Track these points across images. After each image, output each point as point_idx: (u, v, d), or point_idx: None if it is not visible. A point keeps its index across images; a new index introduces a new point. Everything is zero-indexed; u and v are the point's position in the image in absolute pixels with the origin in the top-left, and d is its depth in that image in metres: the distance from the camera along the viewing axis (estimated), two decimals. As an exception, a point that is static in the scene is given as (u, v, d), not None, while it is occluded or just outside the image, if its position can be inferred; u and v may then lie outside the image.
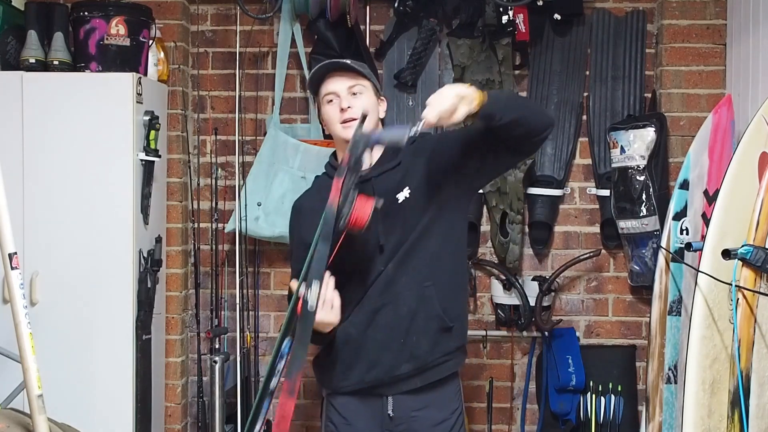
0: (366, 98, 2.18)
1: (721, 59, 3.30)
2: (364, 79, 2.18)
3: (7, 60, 3.15)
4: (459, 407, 2.29)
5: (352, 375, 2.21)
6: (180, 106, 3.47)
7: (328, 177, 2.24)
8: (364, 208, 1.89)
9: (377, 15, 3.55)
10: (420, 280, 2.16)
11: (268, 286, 3.57)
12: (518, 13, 3.31)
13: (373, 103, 2.19)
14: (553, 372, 3.38)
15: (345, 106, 2.14)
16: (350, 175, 1.89)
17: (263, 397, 2.04)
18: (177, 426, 3.47)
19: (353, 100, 2.15)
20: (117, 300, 3.08)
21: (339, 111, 2.16)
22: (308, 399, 3.60)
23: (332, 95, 2.17)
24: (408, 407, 2.20)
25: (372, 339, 2.17)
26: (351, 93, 2.16)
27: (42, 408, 2.05)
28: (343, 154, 2.09)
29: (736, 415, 2.18)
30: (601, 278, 3.52)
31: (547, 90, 3.47)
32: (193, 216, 3.46)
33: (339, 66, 2.19)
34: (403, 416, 2.20)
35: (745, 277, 2.17)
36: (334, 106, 2.17)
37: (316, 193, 2.28)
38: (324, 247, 1.89)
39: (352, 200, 1.89)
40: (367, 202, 1.90)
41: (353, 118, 2.12)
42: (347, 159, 1.91)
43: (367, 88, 2.19)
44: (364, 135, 1.93)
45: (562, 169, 3.45)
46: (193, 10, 3.56)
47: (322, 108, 2.22)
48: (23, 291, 2.07)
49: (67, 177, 3.06)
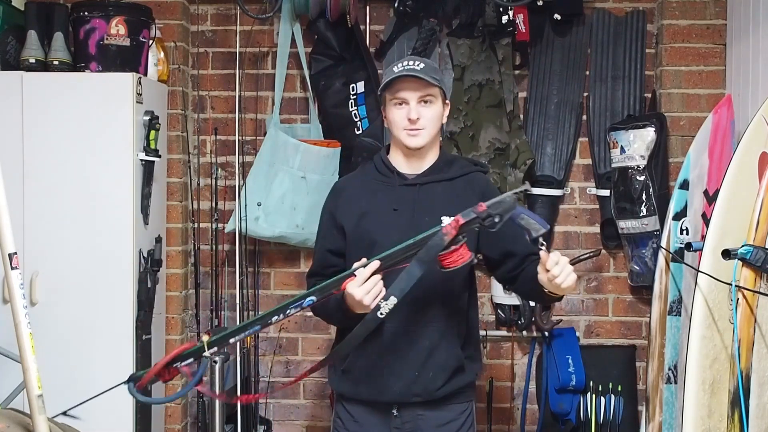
0: (435, 108, 2.18)
1: (721, 59, 3.30)
2: (435, 87, 2.17)
3: (7, 60, 3.15)
4: (468, 408, 2.28)
5: (361, 392, 2.23)
6: (180, 106, 3.48)
7: (377, 170, 2.26)
8: (463, 257, 1.91)
9: (377, 15, 3.55)
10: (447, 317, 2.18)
11: (268, 286, 3.57)
12: (518, 13, 3.32)
13: (439, 113, 2.20)
14: (553, 372, 3.38)
15: (414, 117, 2.14)
16: (475, 223, 1.89)
17: (257, 322, 2.02)
18: (177, 426, 3.47)
19: (422, 110, 2.15)
20: (117, 300, 3.08)
21: (406, 119, 2.16)
22: (308, 399, 3.61)
23: (402, 100, 2.16)
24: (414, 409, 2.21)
25: (387, 364, 2.18)
26: (421, 101, 2.16)
27: (42, 408, 2.05)
28: (400, 153, 2.20)
29: (736, 415, 2.18)
30: (601, 278, 3.52)
31: (547, 90, 3.47)
32: (193, 216, 3.46)
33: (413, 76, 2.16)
34: (410, 415, 2.21)
35: (745, 277, 2.17)
36: (402, 112, 2.16)
37: (360, 182, 2.29)
38: (417, 270, 1.90)
39: (458, 243, 1.90)
40: (467, 253, 1.92)
41: (420, 129, 2.15)
42: (482, 209, 1.89)
43: (437, 96, 2.18)
44: (513, 205, 1.91)
45: (562, 169, 3.45)
46: (193, 10, 3.56)
47: (389, 107, 2.19)
48: (23, 291, 2.07)
49: (67, 177, 3.06)
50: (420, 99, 2.15)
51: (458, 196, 2.17)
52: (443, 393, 2.20)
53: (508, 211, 1.90)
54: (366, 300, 1.93)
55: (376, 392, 2.20)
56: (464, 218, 1.89)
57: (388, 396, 2.19)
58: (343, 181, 2.39)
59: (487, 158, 3.33)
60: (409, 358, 2.16)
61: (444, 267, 1.91)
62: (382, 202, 2.19)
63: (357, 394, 2.24)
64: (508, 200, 1.91)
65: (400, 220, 2.16)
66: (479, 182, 2.26)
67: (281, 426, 3.62)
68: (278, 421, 3.61)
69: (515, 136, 3.37)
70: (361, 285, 1.93)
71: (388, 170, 2.23)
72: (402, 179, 2.21)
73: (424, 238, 1.90)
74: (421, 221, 2.10)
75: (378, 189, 2.23)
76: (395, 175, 2.22)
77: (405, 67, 2.15)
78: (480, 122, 3.36)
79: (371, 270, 1.93)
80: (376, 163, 2.29)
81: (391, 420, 2.21)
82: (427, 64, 2.17)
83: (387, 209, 2.18)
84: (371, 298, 1.93)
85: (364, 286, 1.93)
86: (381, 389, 2.19)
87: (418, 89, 2.14)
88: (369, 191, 2.23)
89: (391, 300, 1.89)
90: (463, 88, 3.40)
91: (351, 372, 2.23)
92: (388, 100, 2.19)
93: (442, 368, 2.18)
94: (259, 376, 3.50)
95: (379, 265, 1.94)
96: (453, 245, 1.89)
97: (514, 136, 3.37)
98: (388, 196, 2.20)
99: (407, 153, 2.21)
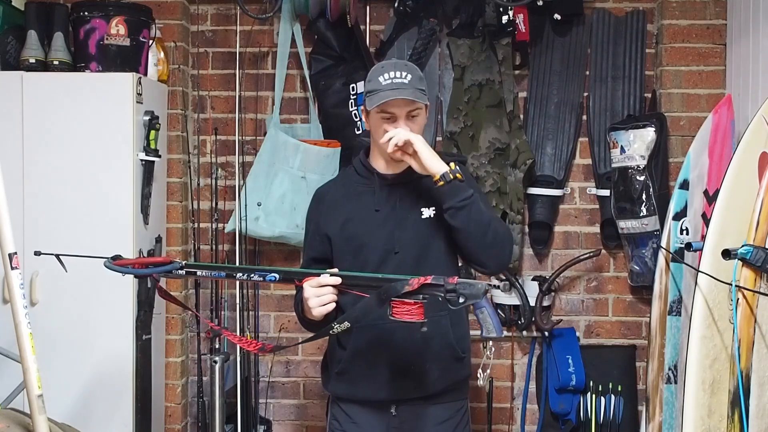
0: (421, 119, 2.18)
1: (721, 59, 3.30)
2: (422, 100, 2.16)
3: (7, 60, 3.15)
4: (464, 406, 2.31)
5: (359, 391, 2.24)
6: (180, 106, 3.47)
7: (357, 172, 2.28)
8: (412, 314, 1.92)
9: (377, 15, 3.55)
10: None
11: (268, 286, 3.57)
12: (518, 13, 3.32)
13: (424, 122, 2.20)
14: (553, 372, 3.38)
15: None
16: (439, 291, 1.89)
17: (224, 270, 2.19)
18: (177, 426, 3.47)
19: (410, 125, 2.15)
20: (117, 300, 3.08)
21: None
22: (308, 399, 3.61)
23: (390, 115, 2.15)
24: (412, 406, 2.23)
25: (384, 360, 2.19)
26: (409, 116, 2.15)
27: (42, 408, 2.05)
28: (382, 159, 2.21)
29: (736, 415, 2.17)
30: (601, 278, 3.52)
31: (547, 90, 3.47)
32: (193, 216, 3.46)
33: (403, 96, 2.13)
34: (408, 413, 2.23)
35: (745, 277, 2.17)
36: (388, 125, 2.15)
37: (341, 186, 2.31)
38: (372, 305, 1.93)
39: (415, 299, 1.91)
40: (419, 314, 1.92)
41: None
42: (454, 281, 1.89)
43: (422, 109, 2.17)
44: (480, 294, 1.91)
45: (562, 169, 3.45)
46: (193, 10, 3.56)
47: (374, 116, 2.17)
48: (23, 291, 2.07)
49: (67, 177, 3.06)
50: (408, 114, 2.14)
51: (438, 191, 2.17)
52: (441, 385, 2.21)
53: (474, 297, 1.90)
54: (311, 302, 1.98)
55: (373, 391, 2.21)
56: (432, 280, 1.90)
57: (386, 393, 2.20)
58: (325, 187, 2.38)
59: (487, 158, 3.33)
60: (405, 353, 2.18)
61: (392, 315, 1.93)
62: (365, 205, 2.21)
63: (354, 394, 2.25)
64: (478, 287, 1.91)
65: (383, 220, 2.18)
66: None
67: (281, 426, 3.62)
68: (278, 421, 3.61)
69: (515, 136, 3.37)
70: (315, 287, 1.98)
71: (368, 172, 2.25)
72: (382, 180, 2.23)
73: (391, 279, 1.93)
74: (403, 219, 2.16)
75: (359, 192, 2.25)
76: (375, 176, 2.23)
77: (393, 79, 2.12)
78: (480, 122, 3.36)
79: (331, 281, 1.98)
80: (356, 166, 2.31)
81: (390, 419, 2.22)
82: (413, 74, 2.15)
83: (369, 211, 2.20)
84: (317, 303, 1.98)
85: (317, 289, 1.98)
86: (379, 387, 2.20)
87: (407, 105, 2.13)
88: (351, 195, 2.25)
89: (344, 324, 1.96)
90: (463, 88, 3.41)
91: (347, 373, 2.24)
92: (374, 111, 2.17)
93: (437, 359, 2.20)
94: (259, 376, 3.50)
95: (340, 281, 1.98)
96: (410, 298, 1.90)
97: (514, 136, 3.37)
98: (370, 197, 2.22)
99: (388, 158, 2.21)
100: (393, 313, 1.92)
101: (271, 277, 2.03)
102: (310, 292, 1.98)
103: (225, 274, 2.20)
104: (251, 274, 2.06)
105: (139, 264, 2.11)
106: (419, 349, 2.18)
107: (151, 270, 2.08)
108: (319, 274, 2.00)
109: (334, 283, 1.97)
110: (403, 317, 1.91)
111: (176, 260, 2.10)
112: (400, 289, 1.89)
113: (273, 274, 2.03)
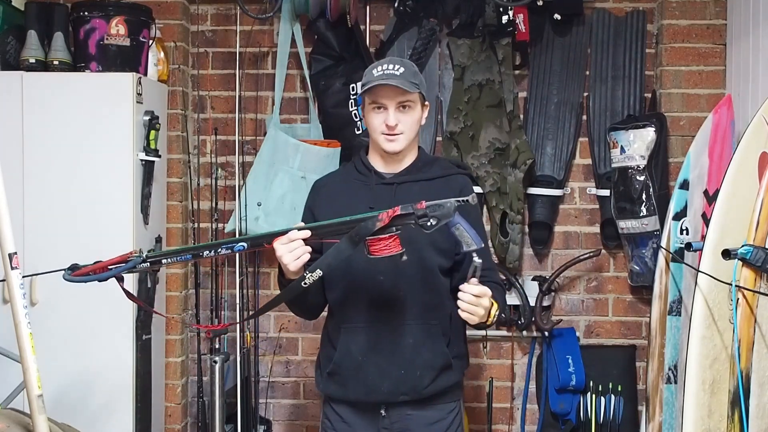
0: (413, 113, 2.18)
1: (721, 59, 3.30)
2: (414, 93, 2.17)
3: (7, 60, 3.15)
4: (456, 407, 2.30)
5: (349, 393, 2.24)
6: (180, 106, 3.47)
7: (356, 169, 2.29)
8: (390, 248, 1.93)
9: (377, 15, 3.55)
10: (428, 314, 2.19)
11: (268, 286, 3.57)
12: (518, 13, 3.32)
13: (418, 117, 2.21)
14: (553, 372, 3.38)
15: (392, 123, 2.16)
16: (410, 219, 1.91)
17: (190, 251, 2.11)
18: (177, 426, 3.47)
19: (401, 116, 2.16)
20: (117, 300, 3.05)
21: (384, 124, 2.17)
22: (308, 399, 3.61)
23: (381, 105, 2.16)
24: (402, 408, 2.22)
25: (373, 363, 2.19)
26: (400, 107, 2.16)
27: (42, 408, 2.05)
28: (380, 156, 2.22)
29: (736, 415, 2.17)
30: (601, 278, 3.52)
31: (547, 90, 3.47)
32: (193, 216, 3.46)
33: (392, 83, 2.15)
34: (398, 415, 2.22)
35: (745, 277, 2.17)
36: (380, 117, 2.17)
37: (339, 180, 2.33)
38: (345, 247, 1.94)
39: (389, 233, 1.92)
40: (396, 246, 1.93)
41: (397, 134, 2.17)
42: (422, 206, 1.91)
43: (416, 101, 2.18)
44: (450, 212, 1.92)
45: (562, 169, 3.45)
46: (193, 10, 3.56)
47: (367, 111, 2.20)
48: (23, 291, 2.07)
49: (67, 177, 3.06)
50: (399, 105, 2.15)
51: (435, 196, 2.16)
52: (431, 392, 2.21)
53: (445, 216, 1.91)
54: (285, 258, 1.98)
55: (363, 393, 2.21)
56: (401, 210, 1.91)
57: (376, 396, 2.20)
58: (324, 179, 2.40)
59: (487, 158, 3.33)
60: (395, 357, 2.18)
61: (371, 253, 1.94)
62: (359, 201, 2.21)
63: (344, 395, 2.25)
64: (447, 206, 1.91)
65: None
66: (457, 183, 2.26)
67: (281, 426, 3.62)
68: (278, 421, 3.61)
69: (515, 136, 3.37)
70: (286, 244, 1.98)
71: (366, 169, 2.26)
72: (379, 178, 2.24)
73: (359, 219, 1.94)
74: None
75: (356, 188, 2.26)
76: (373, 174, 2.25)
77: (385, 71, 2.14)
78: (480, 122, 3.36)
79: (301, 234, 1.98)
80: (355, 163, 2.32)
81: (380, 420, 2.22)
82: (406, 67, 2.17)
83: (363, 207, 2.19)
84: (291, 258, 1.97)
85: (288, 245, 1.98)
86: (368, 389, 2.20)
87: (396, 95, 2.14)
88: (347, 189, 2.27)
89: (316, 272, 1.95)
90: (463, 88, 3.41)
91: (338, 374, 2.23)
92: (367, 104, 2.20)
93: (428, 367, 2.19)
94: (259, 376, 3.50)
95: (310, 234, 1.98)
96: (384, 233, 1.91)
97: (514, 136, 3.37)
98: (366, 194, 2.23)
99: (385, 155, 2.23)
100: (371, 252, 1.93)
101: (239, 246, 2.02)
102: (282, 250, 1.98)
103: (191, 255, 2.11)
104: (218, 249, 2.02)
105: (99, 268, 2.05)
106: (409, 357, 2.17)
107: (114, 271, 2.03)
108: (286, 233, 1.99)
109: (304, 237, 1.97)
110: (382, 252, 1.92)
111: (135, 254, 2.05)
112: (372, 227, 1.90)
113: (241, 243, 2.02)
